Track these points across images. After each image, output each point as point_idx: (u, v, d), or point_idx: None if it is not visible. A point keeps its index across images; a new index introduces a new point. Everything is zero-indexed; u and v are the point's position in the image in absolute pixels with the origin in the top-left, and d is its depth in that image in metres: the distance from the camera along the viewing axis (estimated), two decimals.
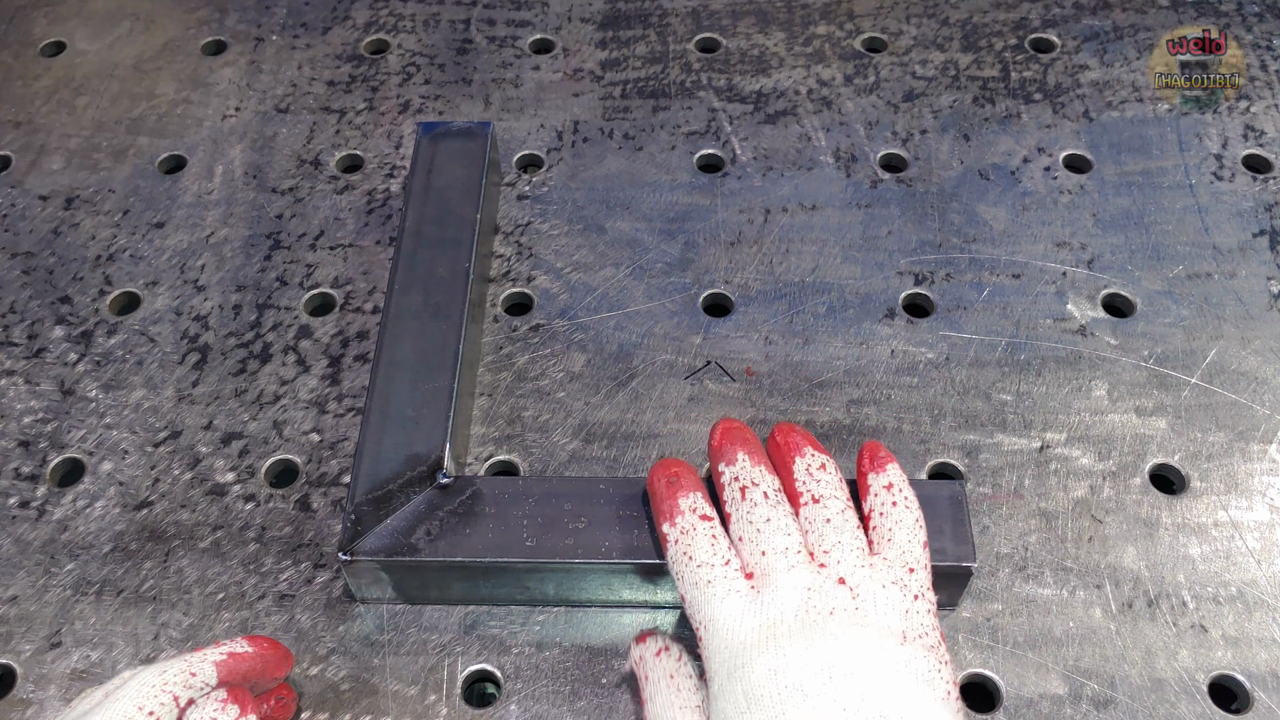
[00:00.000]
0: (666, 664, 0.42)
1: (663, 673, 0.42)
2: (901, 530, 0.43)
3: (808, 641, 0.38)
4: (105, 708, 0.38)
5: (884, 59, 0.70)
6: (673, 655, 0.43)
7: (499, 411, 0.55)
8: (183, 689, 0.39)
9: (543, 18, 0.73)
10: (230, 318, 0.59)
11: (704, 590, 0.41)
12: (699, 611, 0.41)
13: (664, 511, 0.44)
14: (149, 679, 0.39)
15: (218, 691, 0.40)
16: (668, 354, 0.57)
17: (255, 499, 0.52)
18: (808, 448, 0.45)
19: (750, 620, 0.40)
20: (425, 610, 0.49)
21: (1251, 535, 0.50)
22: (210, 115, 0.68)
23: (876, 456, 0.45)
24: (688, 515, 0.43)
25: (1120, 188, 0.63)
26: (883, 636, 0.39)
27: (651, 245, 0.61)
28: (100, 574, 0.50)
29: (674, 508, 0.44)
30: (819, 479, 0.44)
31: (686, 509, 0.43)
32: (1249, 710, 0.46)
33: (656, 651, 0.43)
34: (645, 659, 0.43)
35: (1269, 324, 0.57)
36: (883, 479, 0.45)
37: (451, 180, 0.58)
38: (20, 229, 0.63)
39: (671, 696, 0.41)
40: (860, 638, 0.38)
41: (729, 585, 0.41)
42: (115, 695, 0.38)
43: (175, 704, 0.39)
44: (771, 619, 0.39)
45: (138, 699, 0.38)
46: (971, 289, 0.59)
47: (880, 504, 0.44)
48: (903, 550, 0.42)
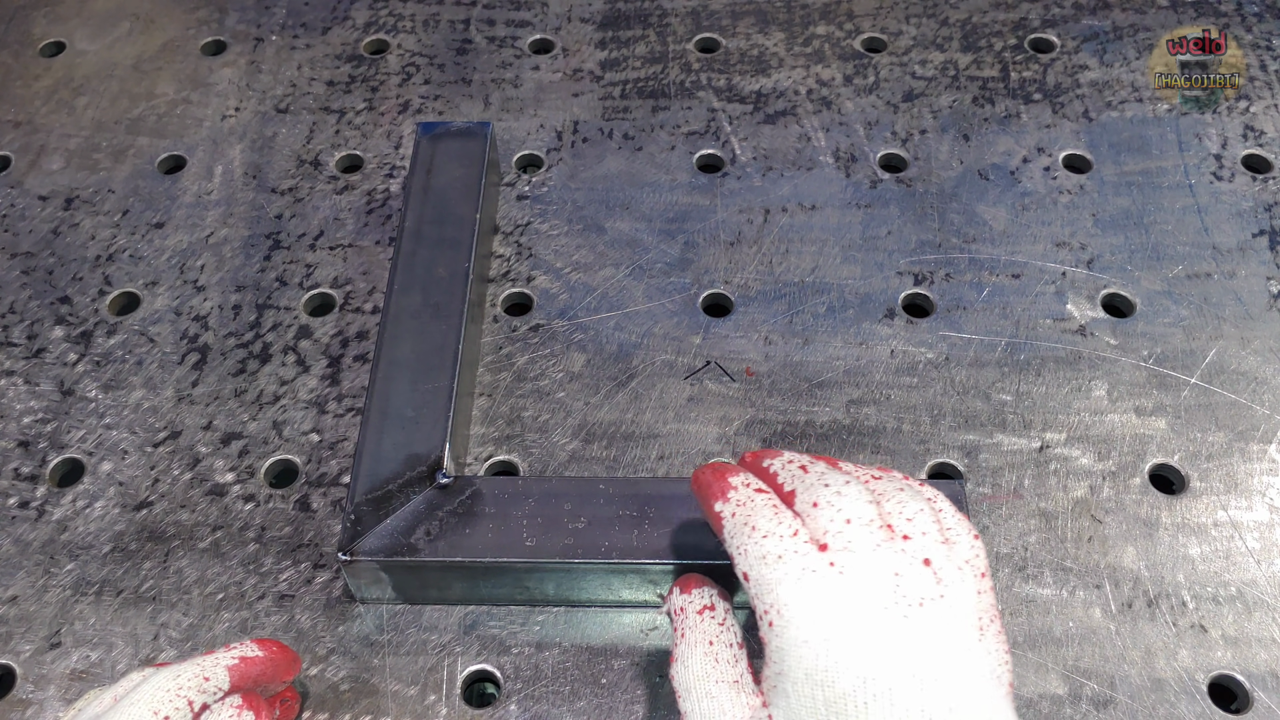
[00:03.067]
0: (708, 627, 0.39)
1: (701, 636, 0.39)
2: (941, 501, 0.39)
3: (899, 644, 0.34)
4: (120, 711, 0.37)
5: (884, 59, 0.70)
6: (716, 618, 0.39)
7: (499, 411, 0.55)
8: (196, 693, 0.39)
9: (542, 18, 0.73)
10: (230, 318, 0.59)
11: (774, 567, 0.35)
12: (768, 593, 0.35)
13: (715, 491, 0.39)
14: (163, 683, 0.39)
15: (232, 697, 0.40)
16: (667, 354, 0.57)
17: (255, 499, 0.52)
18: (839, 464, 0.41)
19: (834, 610, 0.34)
20: (425, 610, 0.49)
21: (1251, 535, 0.50)
22: (210, 115, 0.68)
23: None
24: (741, 490, 0.38)
25: (1120, 188, 0.63)
26: (964, 629, 0.35)
27: (651, 245, 0.61)
28: (100, 574, 0.50)
29: (725, 485, 0.39)
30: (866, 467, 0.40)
31: (739, 484, 0.39)
32: (1249, 710, 0.46)
33: (700, 609, 0.40)
34: (686, 613, 0.40)
35: (1269, 324, 0.57)
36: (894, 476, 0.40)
37: (451, 180, 0.58)
38: (20, 229, 0.63)
39: (708, 667, 0.38)
40: (946, 635, 0.35)
41: (803, 562, 0.35)
42: (129, 699, 0.38)
43: (190, 709, 0.38)
44: (860, 612, 0.34)
45: (152, 703, 0.38)
46: (971, 289, 0.59)
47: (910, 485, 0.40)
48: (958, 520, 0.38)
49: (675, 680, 0.39)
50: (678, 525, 0.46)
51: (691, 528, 0.46)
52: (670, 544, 0.46)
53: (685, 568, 0.45)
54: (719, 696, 0.37)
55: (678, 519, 0.46)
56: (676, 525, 0.46)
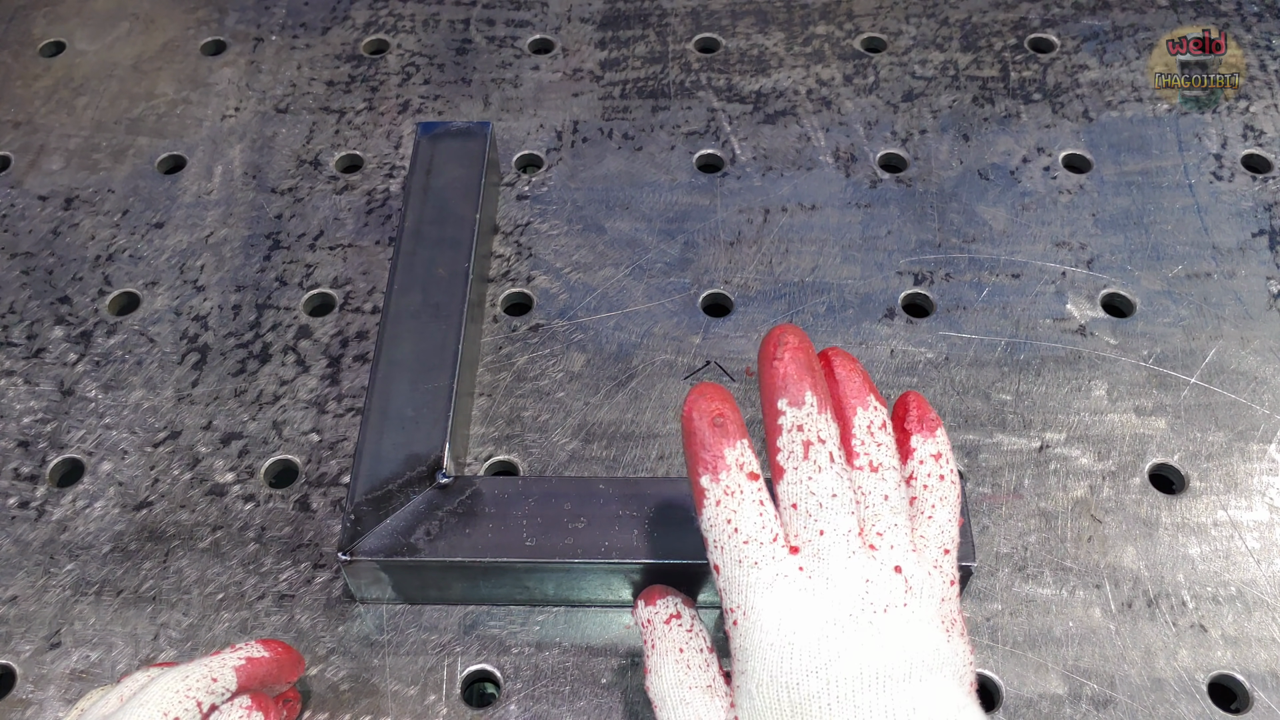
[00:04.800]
0: (676, 635, 0.40)
1: (671, 645, 0.39)
2: (944, 508, 0.39)
3: (865, 647, 0.35)
4: (128, 712, 0.37)
5: (883, 59, 0.70)
6: (683, 625, 0.40)
7: (498, 411, 0.55)
8: (205, 694, 0.39)
9: (542, 18, 0.73)
10: (230, 318, 0.59)
11: (748, 572, 0.36)
12: (738, 594, 0.36)
13: (705, 461, 0.38)
14: (172, 684, 0.38)
15: (241, 698, 0.40)
16: (667, 354, 0.57)
17: (255, 499, 0.52)
18: (870, 396, 0.39)
19: (801, 615, 0.35)
20: (425, 610, 0.49)
21: (1251, 535, 0.50)
22: (210, 115, 0.68)
23: (925, 417, 0.41)
24: (734, 472, 0.37)
25: (1120, 188, 0.63)
26: (930, 632, 0.36)
27: (651, 245, 0.61)
28: (100, 574, 0.50)
29: (718, 459, 0.37)
30: (880, 442, 0.39)
31: (733, 462, 0.37)
32: (1248, 710, 0.46)
33: (666, 618, 0.40)
34: (654, 624, 0.41)
35: (1268, 324, 0.57)
36: (931, 446, 0.40)
37: (451, 180, 0.58)
38: (20, 229, 0.63)
39: (680, 674, 0.38)
40: (912, 638, 0.36)
41: (777, 569, 0.36)
42: (138, 699, 0.38)
43: (199, 710, 0.38)
44: (826, 619, 0.35)
45: (162, 704, 0.38)
46: (971, 289, 0.59)
47: (926, 474, 0.40)
48: (941, 529, 0.39)
49: (650, 691, 0.39)
50: (678, 525, 0.46)
51: (692, 528, 0.46)
52: (670, 544, 0.46)
53: (685, 567, 0.45)
54: (693, 703, 0.38)
55: (678, 519, 0.46)
56: (676, 525, 0.46)
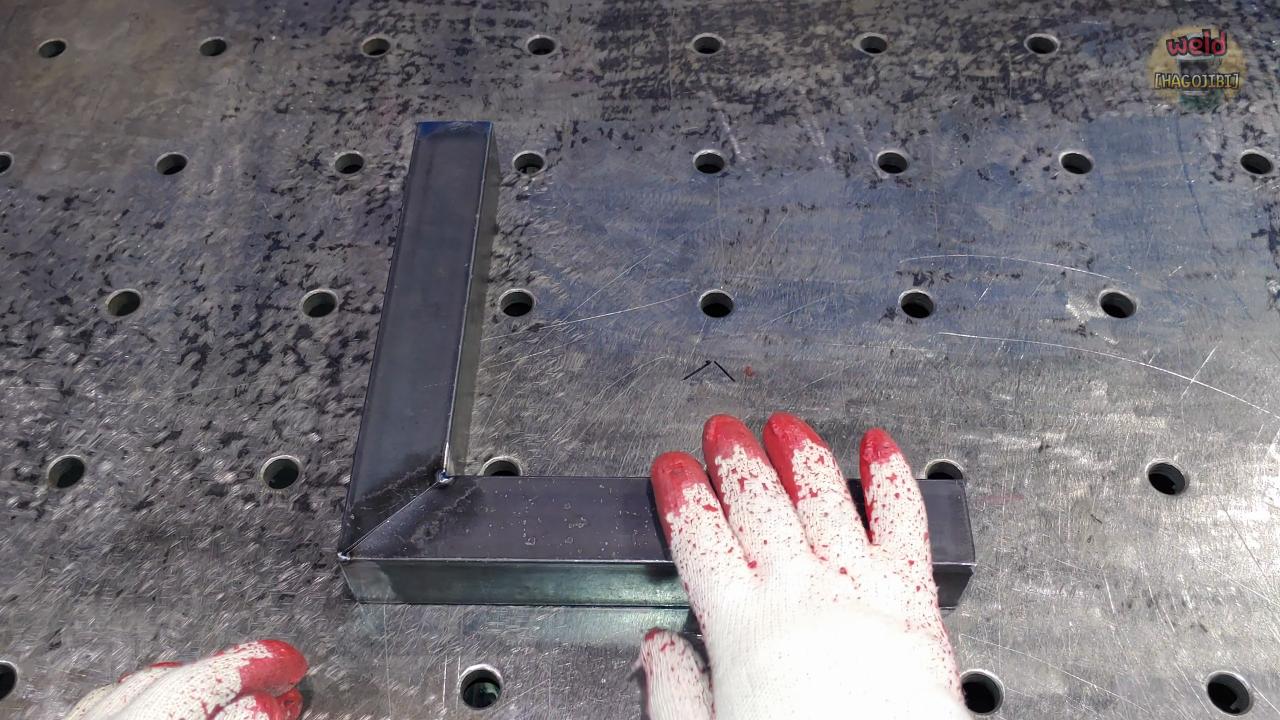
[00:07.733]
0: (669, 657, 0.43)
1: (665, 666, 0.42)
2: (903, 523, 0.43)
3: (812, 626, 0.38)
4: (133, 712, 0.37)
5: (883, 59, 0.70)
6: (676, 649, 0.43)
7: (498, 411, 0.55)
8: (210, 695, 0.39)
9: (542, 18, 0.73)
10: (230, 318, 0.59)
11: (708, 577, 0.41)
12: (703, 598, 0.41)
13: (668, 502, 0.44)
14: (177, 685, 0.38)
15: (246, 699, 0.40)
16: (667, 354, 0.57)
17: (255, 499, 0.52)
18: (805, 440, 0.45)
19: (754, 606, 0.40)
20: (425, 610, 0.49)
21: (1251, 535, 0.50)
22: (209, 115, 0.68)
23: (880, 446, 0.45)
24: (692, 505, 0.44)
25: (1119, 188, 0.63)
26: (886, 623, 0.39)
27: (651, 245, 0.61)
28: (100, 574, 0.50)
29: (678, 497, 0.44)
30: (817, 472, 0.44)
31: (691, 499, 0.44)
32: (1248, 710, 0.46)
33: (662, 646, 0.43)
34: (653, 654, 0.43)
35: (1268, 324, 0.57)
36: (886, 469, 0.45)
37: (451, 180, 0.58)
38: (20, 229, 0.63)
39: (672, 688, 0.41)
40: (864, 623, 0.39)
41: (732, 572, 0.41)
42: (142, 700, 0.38)
43: (203, 710, 0.38)
44: (775, 604, 0.40)
45: (167, 705, 0.38)
46: (971, 289, 0.59)
47: (883, 495, 0.44)
48: (903, 543, 0.42)
49: (649, 709, 0.42)
50: None
51: None
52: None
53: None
54: (683, 711, 0.41)
55: None
56: None
